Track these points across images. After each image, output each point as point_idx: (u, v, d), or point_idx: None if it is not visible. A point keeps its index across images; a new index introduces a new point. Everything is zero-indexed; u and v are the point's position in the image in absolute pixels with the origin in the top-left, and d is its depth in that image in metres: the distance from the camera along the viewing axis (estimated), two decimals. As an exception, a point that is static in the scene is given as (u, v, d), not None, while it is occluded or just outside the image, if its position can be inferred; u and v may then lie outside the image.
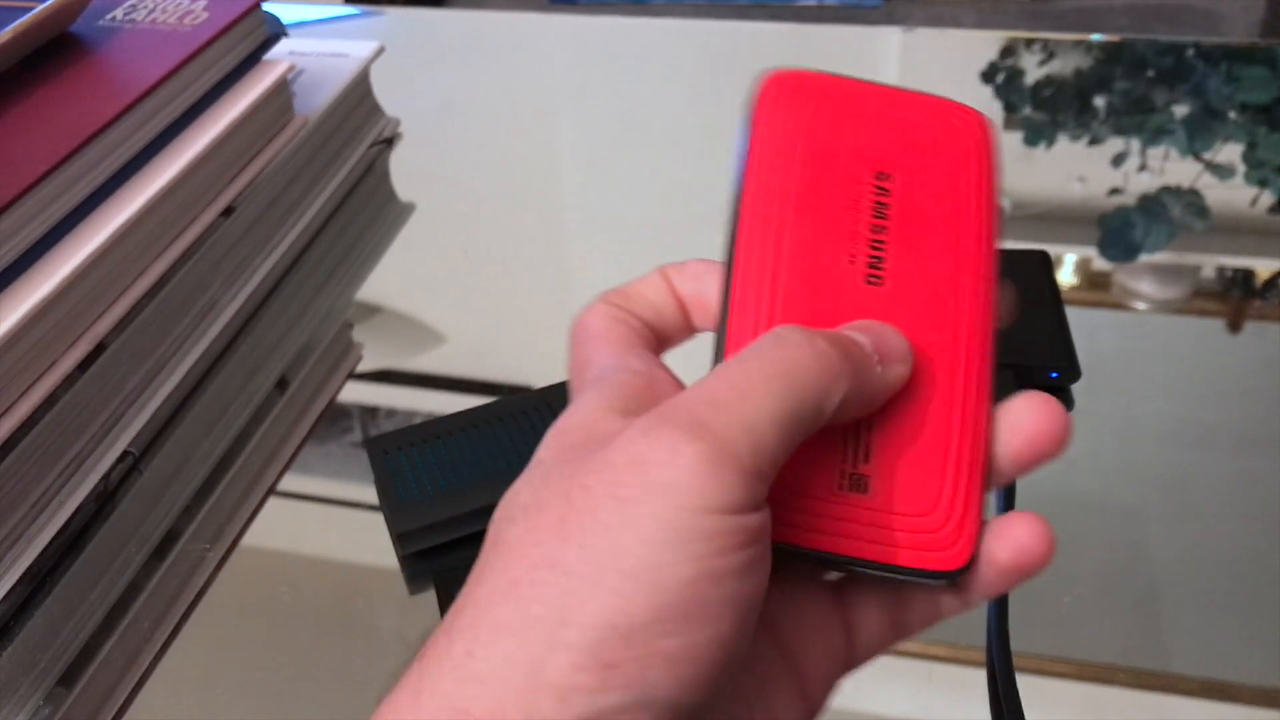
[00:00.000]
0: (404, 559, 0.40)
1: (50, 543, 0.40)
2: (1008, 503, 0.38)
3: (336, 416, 0.49)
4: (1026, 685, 0.35)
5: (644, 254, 0.59)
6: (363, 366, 0.51)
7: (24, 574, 0.39)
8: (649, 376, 0.23)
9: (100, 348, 0.43)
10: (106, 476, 0.43)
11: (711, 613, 0.19)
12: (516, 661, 0.19)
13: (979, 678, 0.35)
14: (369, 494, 0.41)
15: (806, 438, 0.21)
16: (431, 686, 0.19)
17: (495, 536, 0.21)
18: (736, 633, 0.20)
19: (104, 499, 0.43)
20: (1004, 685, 0.34)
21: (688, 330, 0.26)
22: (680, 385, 0.23)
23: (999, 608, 0.36)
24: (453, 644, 0.20)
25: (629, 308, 0.25)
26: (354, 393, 0.50)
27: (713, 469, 0.19)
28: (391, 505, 0.40)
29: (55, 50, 0.49)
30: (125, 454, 0.44)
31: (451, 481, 0.40)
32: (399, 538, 0.39)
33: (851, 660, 0.24)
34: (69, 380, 0.42)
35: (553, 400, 0.42)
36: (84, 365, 0.42)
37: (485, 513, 0.41)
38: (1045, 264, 0.49)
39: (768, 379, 0.21)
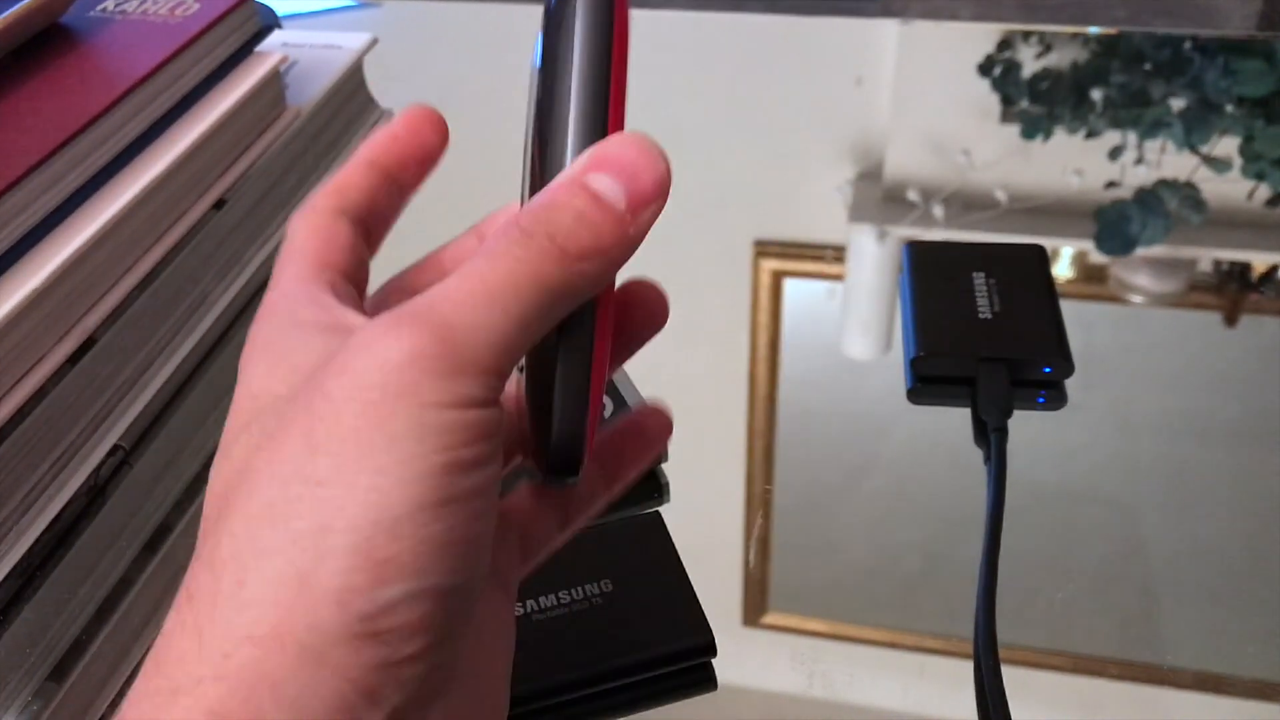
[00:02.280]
0: None
1: (40, 537, 0.40)
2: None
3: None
4: (1021, 678, 0.35)
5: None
6: (356, 360, 0.51)
7: (13, 569, 0.39)
8: (331, 315, 0.23)
9: (90, 341, 0.43)
10: (97, 471, 0.43)
11: (465, 498, 0.20)
12: (288, 578, 0.19)
13: (970, 671, 0.35)
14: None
15: (562, 313, 0.22)
16: (211, 624, 0.20)
17: (230, 476, 0.21)
18: (488, 515, 0.21)
19: (94, 493, 0.43)
20: (990, 680, 0.34)
21: (403, 198, 0.27)
22: (350, 326, 0.23)
23: (987, 601, 0.36)
24: (220, 578, 0.20)
25: (331, 206, 0.25)
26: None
27: (446, 367, 0.20)
28: None
29: (45, 41, 0.49)
30: (116, 448, 0.44)
31: None
32: None
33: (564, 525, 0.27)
34: (58, 374, 0.41)
35: None
36: (74, 359, 0.42)
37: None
38: (1041, 258, 0.48)
39: (515, 283, 0.21)
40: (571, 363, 0.23)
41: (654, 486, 0.40)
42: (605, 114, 0.24)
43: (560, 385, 0.23)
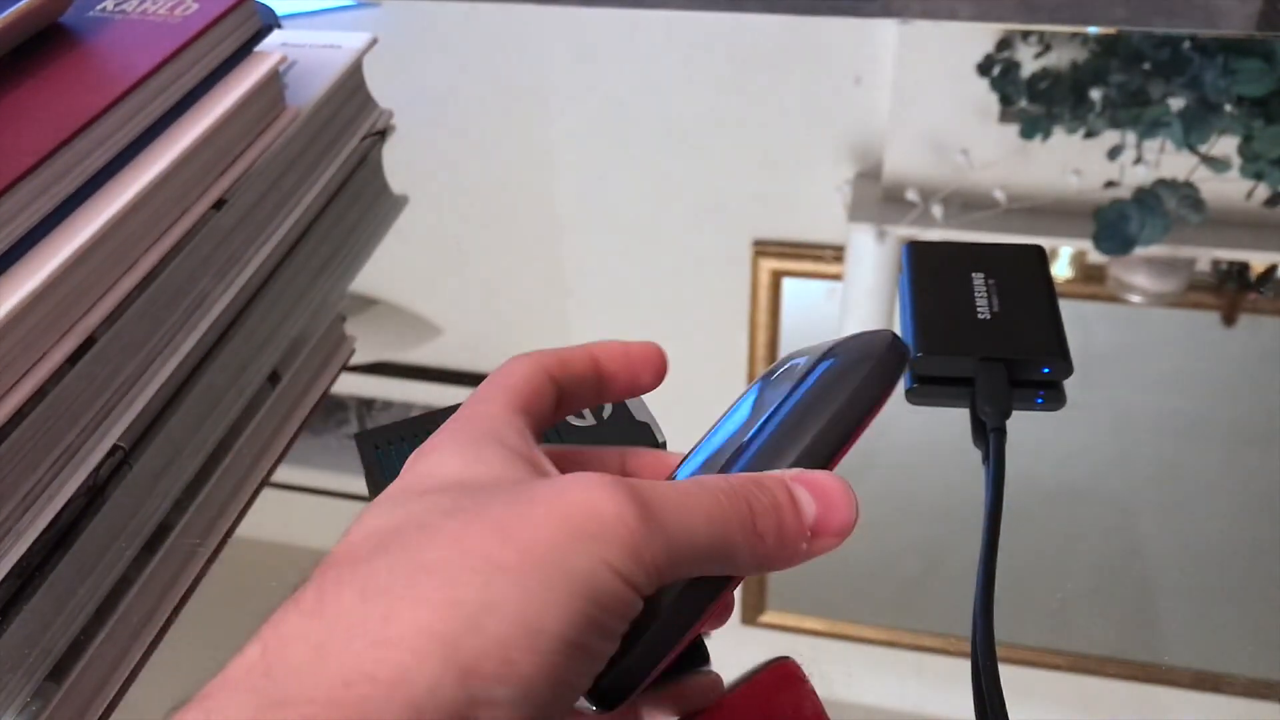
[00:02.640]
0: None
1: (39, 537, 0.40)
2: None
3: (332, 409, 0.48)
4: (1019, 677, 0.35)
5: (637, 247, 0.58)
6: (356, 359, 0.51)
7: (12, 569, 0.39)
8: (528, 453, 0.26)
9: (90, 341, 0.43)
10: (96, 471, 0.43)
11: (586, 654, 0.22)
12: (433, 634, 0.20)
13: (969, 669, 0.35)
14: (365, 485, 0.40)
15: (705, 573, 0.25)
16: (341, 647, 0.20)
17: (423, 520, 0.23)
18: (587, 678, 0.23)
19: (93, 493, 0.43)
20: (987, 680, 0.34)
21: (597, 399, 0.30)
22: (542, 465, 0.26)
23: (984, 603, 0.36)
24: (369, 606, 0.21)
25: (550, 370, 0.28)
26: (349, 385, 0.50)
27: (636, 547, 0.22)
28: None
29: (45, 41, 0.49)
30: (115, 448, 0.44)
31: None
32: None
33: None
34: (58, 374, 0.41)
35: None
36: (74, 358, 0.42)
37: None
38: (1040, 258, 0.48)
39: (709, 517, 0.24)
40: (678, 616, 0.25)
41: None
42: (834, 453, 0.27)
43: (655, 631, 0.25)
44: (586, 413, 0.41)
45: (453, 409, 0.42)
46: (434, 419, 0.42)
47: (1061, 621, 0.38)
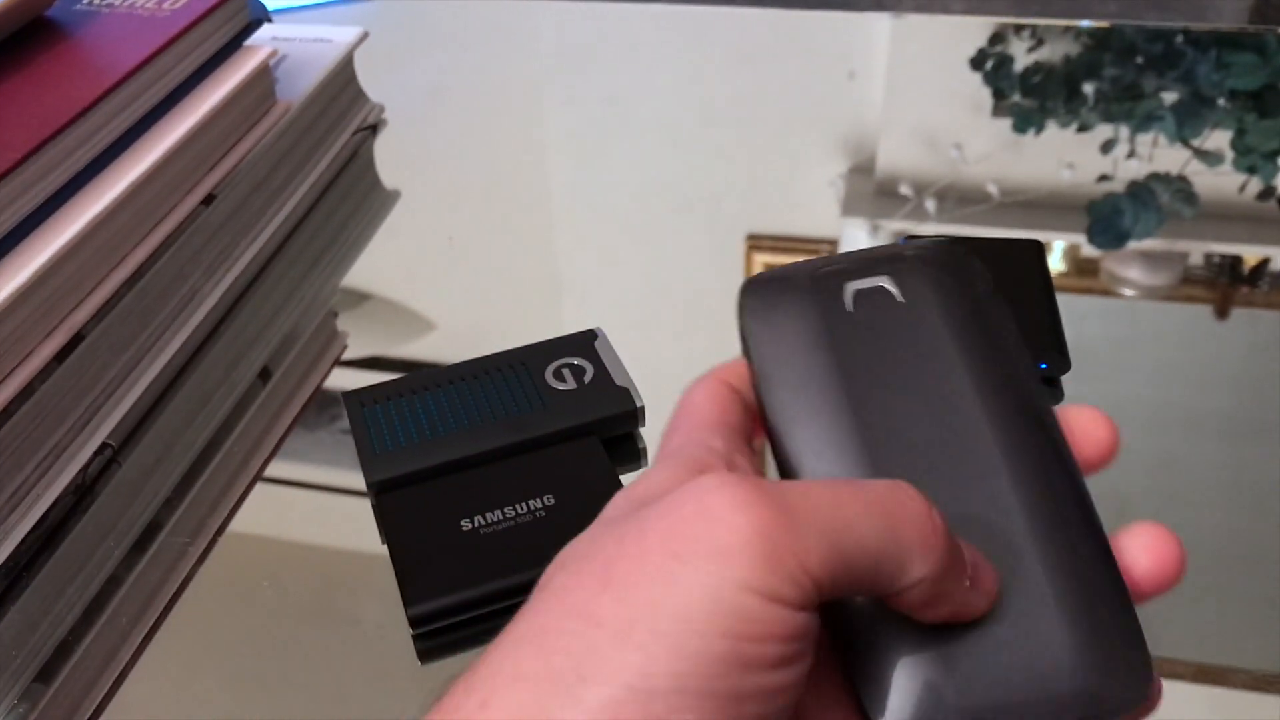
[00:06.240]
0: (377, 509, 0.39)
1: (26, 537, 0.40)
2: None
3: (325, 404, 0.48)
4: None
5: (630, 241, 0.58)
6: (349, 354, 0.51)
7: None
8: (727, 458, 0.23)
9: (78, 338, 0.43)
10: (84, 469, 0.42)
11: (735, 699, 0.18)
12: (529, 715, 0.18)
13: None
14: (358, 480, 0.40)
15: (870, 591, 0.20)
16: None
17: (542, 583, 0.20)
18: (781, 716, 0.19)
19: (82, 492, 0.43)
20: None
21: None
22: (758, 474, 0.23)
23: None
24: (470, 694, 0.19)
25: (736, 386, 0.25)
26: (344, 379, 0.49)
27: (775, 552, 0.18)
28: (365, 456, 0.39)
29: (32, 35, 0.49)
30: (104, 446, 0.43)
31: (427, 434, 0.40)
32: (372, 487, 0.39)
33: None
34: (46, 371, 0.41)
35: (531, 358, 0.43)
36: (61, 355, 0.42)
37: (459, 466, 0.40)
38: (1038, 253, 0.48)
39: (870, 509, 0.20)
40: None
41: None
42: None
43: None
44: (568, 376, 0.41)
45: (439, 370, 0.42)
46: (422, 380, 0.42)
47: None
